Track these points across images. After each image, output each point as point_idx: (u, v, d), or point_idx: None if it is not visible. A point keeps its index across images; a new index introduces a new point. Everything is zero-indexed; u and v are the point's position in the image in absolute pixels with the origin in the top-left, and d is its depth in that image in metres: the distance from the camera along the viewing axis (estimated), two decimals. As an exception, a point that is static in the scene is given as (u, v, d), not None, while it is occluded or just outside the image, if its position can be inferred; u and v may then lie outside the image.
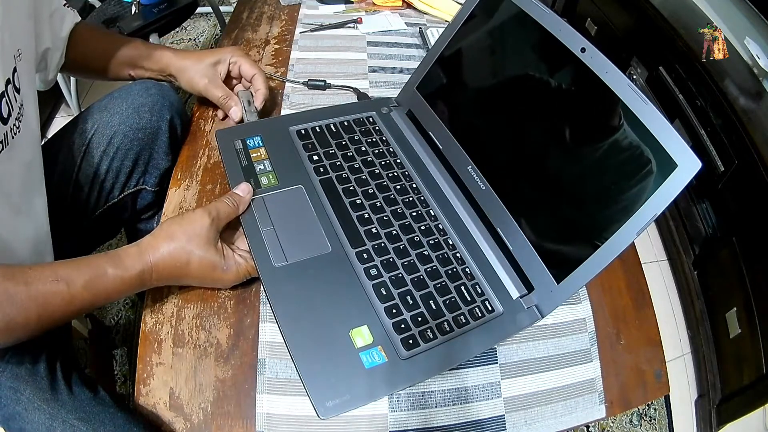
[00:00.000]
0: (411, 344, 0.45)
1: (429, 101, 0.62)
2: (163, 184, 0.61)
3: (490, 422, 0.46)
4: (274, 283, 0.46)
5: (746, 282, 1.06)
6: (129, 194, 0.63)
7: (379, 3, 0.92)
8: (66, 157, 0.58)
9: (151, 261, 0.42)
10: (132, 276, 0.41)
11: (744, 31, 1.25)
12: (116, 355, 1.08)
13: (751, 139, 1.03)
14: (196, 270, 0.44)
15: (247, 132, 0.59)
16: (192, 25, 1.97)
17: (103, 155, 0.58)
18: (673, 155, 0.40)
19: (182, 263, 0.43)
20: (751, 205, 1.07)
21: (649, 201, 0.40)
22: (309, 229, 0.51)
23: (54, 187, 0.58)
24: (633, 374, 0.52)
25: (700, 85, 1.19)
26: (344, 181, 0.56)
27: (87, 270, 0.40)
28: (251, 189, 0.50)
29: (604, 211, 0.44)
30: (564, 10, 1.78)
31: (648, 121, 0.41)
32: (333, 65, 0.77)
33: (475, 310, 0.49)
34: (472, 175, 0.55)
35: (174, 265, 0.43)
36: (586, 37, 0.45)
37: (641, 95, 0.41)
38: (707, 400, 1.13)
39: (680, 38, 1.23)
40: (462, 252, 0.53)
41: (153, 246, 0.42)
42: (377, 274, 0.49)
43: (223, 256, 0.45)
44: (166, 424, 0.43)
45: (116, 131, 0.58)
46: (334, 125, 0.62)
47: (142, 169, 0.61)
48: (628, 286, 0.58)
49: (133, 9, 1.20)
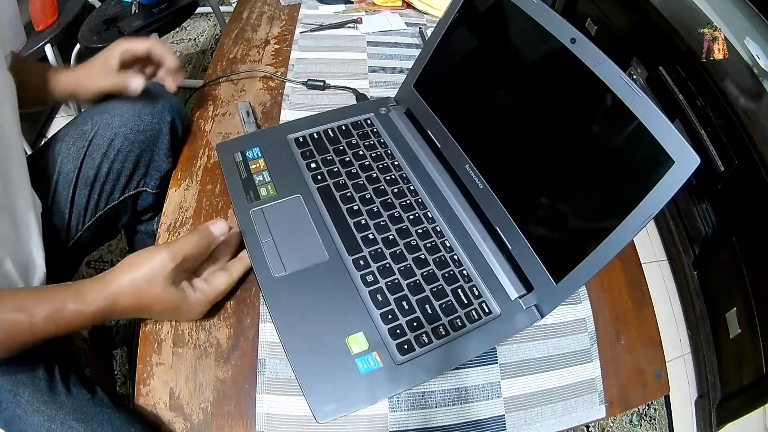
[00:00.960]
0: (406, 349, 0.45)
1: (426, 99, 0.62)
2: (163, 186, 0.61)
3: (490, 422, 0.47)
4: (273, 294, 0.48)
5: (746, 282, 1.06)
6: (129, 196, 0.63)
7: (379, 3, 0.92)
8: (66, 160, 0.58)
9: (112, 298, 0.41)
10: (92, 311, 0.41)
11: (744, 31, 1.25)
12: (116, 355, 1.08)
13: (751, 139, 1.03)
14: (157, 310, 0.44)
15: (246, 143, 0.60)
16: (192, 25, 1.97)
17: (103, 158, 0.58)
18: (669, 151, 0.38)
19: (143, 304, 0.43)
20: (751, 205, 1.06)
21: (646, 199, 0.40)
22: (307, 238, 0.52)
23: (54, 188, 0.58)
24: (633, 374, 0.52)
25: (700, 85, 1.19)
26: (341, 187, 0.56)
27: (48, 304, 0.40)
28: (226, 229, 0.47)
29: (602, 209, 0.44)
30: (564, 10, 1.78)
31: (643, 116, 0.40)
32: (333, 65, 0.77)
33: (471, 312, 0.49)
34: (471, 174, 0.55)
35: (134, 306, 0.42)
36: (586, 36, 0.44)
37: (635, 87, 0.40)
38: (707, 400, 1.13)
39: (680, 38, 1.23)
40: (459, 254, 0.53)
41: (114, 283, 0.42)
42: (373, 280, 0.49)
43: (184, 295, 0.44)
44: (166, 424, 0.43)
45: (117, 133, 0.58)
46: (332, 130, 0.62)
47: (143, 171, 0.61)
48: (628, 286, 0.58)
49: (133, 9, 1.21)
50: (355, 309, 0.47)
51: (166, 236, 0.54)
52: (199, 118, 0.67)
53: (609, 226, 0.42)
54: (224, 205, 0.57)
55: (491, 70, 0.54)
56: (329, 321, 0.46)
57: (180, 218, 0.56)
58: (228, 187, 0.56)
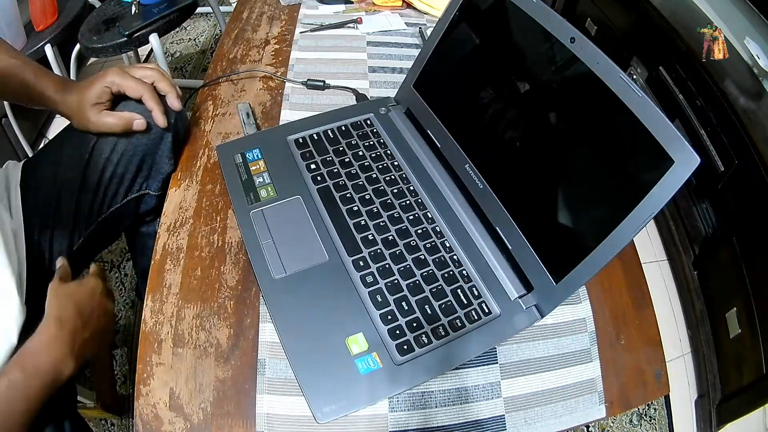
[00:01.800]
0: (406, 350, 0.46)
1: (426, 99, 0.62)
2: (165, 188, 0.61)
3: (490, 422, 0.47)
4: (273, 295, 0.48)
5: (746, 282, 1.06)
6: (132, 199, 0.63)
7: (379, 3, 0.92)
8: (68, 165, 0.58)
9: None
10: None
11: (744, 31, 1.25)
12: (116, 355, 1.08)
13: (751, 139, 1.03)
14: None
15: (246, 145, 0.60)
16: (192, 25, 1.97)
17: (107, 162, 0.58)
18: (669, 151, 0.38)
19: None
20: (751, 205, 1.06)
21: (646, 199, 0.39)
22: (307, 239, 0.52)
23: (57, 195, 0.57)
24: (633, 374, 0.52)
25: (700, 85, 1.19)
26: (341, 188, 0.56)
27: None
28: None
29: (602, 209, 0.44)
30: (564, 10, 1.78)
31: (643, 116, 0.39)
32: (333, 65, 0.77)
33: (471, 313, 0.49)
34: (470, 174, 0.55)
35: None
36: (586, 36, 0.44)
37: (635, 87, 0.40)
38: (707, 400, 1.13)
39: (680, 38, 1.23)
40: (459, 254, 0.53)
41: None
42: (373, 281, 0.49)
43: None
44: (166, 424, 0.43)
45: (120, 137, 0.58)
46: (331, 131, 0.62)
47: (145, 174, 0.61)
48: (628, 286, 0.58)
49: (133, 9, 1.21)
50: (354, 310, 0.48)
51: (166, 236, 0.54)
52: (199, 118, 0.67)
53: (609, 226, 0.42)
54: (224, 205, 0.57)
55: (491, 70, 0.54)
56: (329, 321, 0.47)
57: (180, 218, 0.56)
58: (228, 188, 0.56)
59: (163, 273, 0.51)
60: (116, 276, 1.21)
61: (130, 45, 1.17)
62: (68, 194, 0.58)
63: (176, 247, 0.53)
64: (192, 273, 0.51)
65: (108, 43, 1.15)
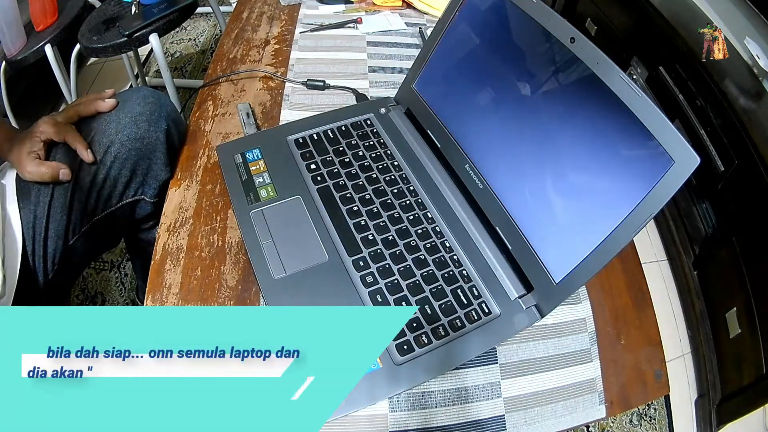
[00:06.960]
0: (406, 350, 0.45)
1: (426, 99, 0.62)
2: (162, 195, 0.61)
3: (490, 422, 0.46)
4: (273, 295, 0.48)
5: (746, 282, 1.06)
6: (127, 203, 0.63)
7: (379, 3, 0.92)
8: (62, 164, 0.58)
9: None
10: None
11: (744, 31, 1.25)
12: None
13: (751, 139, 1.03)
14: None
15: (246, 145, 0.60)
16: (192, 25, 1.97)
17: (100, 164, 0.58)
18: (669, 151, 0.38)
19: None
20: (751, 205, 1.06)
21: (646, 199, 0.40)
22: (307, 239, 0.52)
23: (51, 193, 0.57)
24: (633, 374, 0.52)
25: (700, 85, 1.19)
26: (341, 188, 0.56)
27: None
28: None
29: (602, 209, 0.44)
30: (564, 10, 1.78)
31: (643, 116, 0.40)
32: (333, 65, 0.77)
33: (471, 313, 0.49)
34: (470, 174, 0.55)
35: None
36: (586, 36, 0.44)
37: (635, 87, 0.40)
38: (707, 400, 1.13)
39: (680, 38, 1.23)
40: (459, 254, 0.53)
41: None
42: (373, 281, 0.49)
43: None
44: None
45: (113, 140, 0.57)
46: (331, 131, 0.62)
47: (140, 179, 0.61)
48: (628, 286, 0.58)
49: (133, 9, 1.20)
50: (354, 309, 0.48)
51: (166, 236, 0.54)
52: (199, 118, 0.67)
53: (609, 225, 0.42)
54: (224, 205, 0.57)
55: (491, 70, 0.54)
56: None
57: (180, 218, 0.56)
58: (228, 188, 0.56)
59: (163, 273, 0.51)
60: (116, 276, 1.21)
61: (130, 45, 1.17)
62: (61, 191, 0.58)
63: (176, 247, 0.53)
64: (192, 273, 0.51)
65: (108, 43, 1.15)
